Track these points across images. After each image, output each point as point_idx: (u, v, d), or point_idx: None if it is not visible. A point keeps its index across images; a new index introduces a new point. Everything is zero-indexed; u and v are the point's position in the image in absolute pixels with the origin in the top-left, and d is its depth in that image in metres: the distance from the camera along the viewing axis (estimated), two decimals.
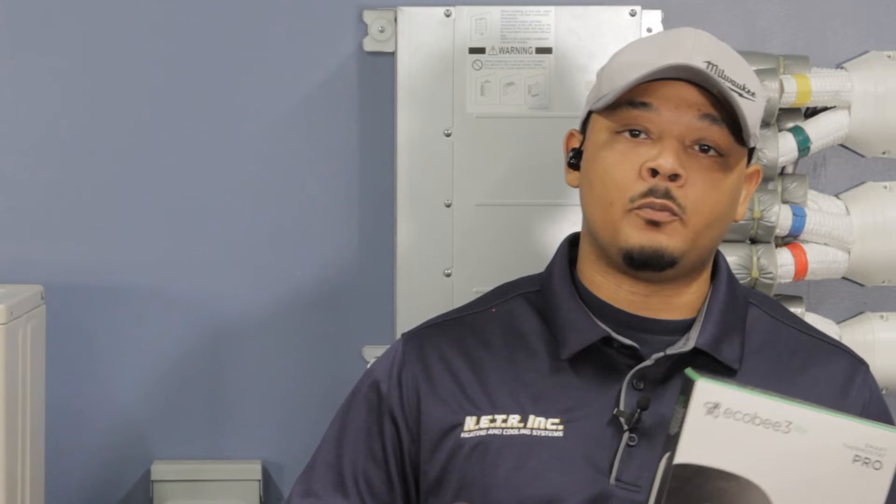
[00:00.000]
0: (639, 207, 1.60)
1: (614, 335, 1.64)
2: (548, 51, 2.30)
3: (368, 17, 2.41)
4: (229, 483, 2.44)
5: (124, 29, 2.44)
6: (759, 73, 2.34)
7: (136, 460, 2.47)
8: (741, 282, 2.32)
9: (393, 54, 2.36)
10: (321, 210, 2.46)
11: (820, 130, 2.40)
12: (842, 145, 2.46)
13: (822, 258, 2.40)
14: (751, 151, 1.68)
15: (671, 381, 1.64)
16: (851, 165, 2.48)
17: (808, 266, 2.39)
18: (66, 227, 2.45)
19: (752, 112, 1.62)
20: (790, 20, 2.47)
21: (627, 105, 1.62)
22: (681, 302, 1.67)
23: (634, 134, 1.62)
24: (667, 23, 2.37)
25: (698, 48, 1.62)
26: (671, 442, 1.44)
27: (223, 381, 2.48)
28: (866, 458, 1.42)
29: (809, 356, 1.69)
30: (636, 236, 1.61)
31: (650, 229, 1.60)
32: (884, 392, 2.42)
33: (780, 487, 1.42)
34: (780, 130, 2.38)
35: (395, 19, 2.33)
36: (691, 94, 1.61)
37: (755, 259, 2.35)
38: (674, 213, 1.60)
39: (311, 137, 2.45)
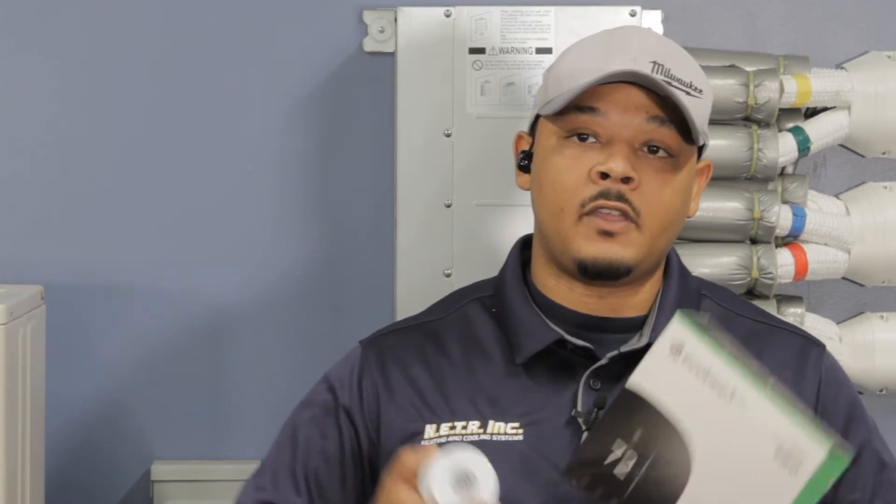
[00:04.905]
0: (591, 211, 1.59)
1: (568, 337, 1.64)
2: (548, 51, 2.30)
3: (368, 17, 2.41)
4: (229, 483, 2.43)
5: (124, 30, 2.44)
6: (758, 73, 2.34)
7: (136, 460, 2.47)
8: (741, 282, 2.34)
9: (393, 54, 2.36)
10: (321, 210, 2.46)
11: (820, 130, 2.40)
12: (842, 145, 2.46)
13: (822, 258, 2.40)
14: (701, 147, 1.67)
15: (627, 378, 1.64)
16: (851, 165, 2.48)
17: (808, 266, 2.39)
18: (66, 227, 2.45)
19: (699, 110, 1.62)
20: (790, 20, 2.47)
21: (575, 110, 1.61)
22: (635, 301, 1.67)
23: (582, 138, 1.61)
24: (667, 23, 2.38)
25: (644, 48, 1.61)
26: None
27: (223, 381, 2.48)
28: (786, 458, 1.43)
29: (763, 343, 1.67)
30: (588, 248, 1.60)
31: (603, 240, 1.60)
32: (884, 392, 2.42)
33: (703, 449, 1.44)
34: (780, 130, 2.38)
35: (395, 19, 2.33)
36: (638, 96, 1.60)
37: (755, 259, 2.35)
38: (629, 218, 1.59)
39: (311, 137, 2.45)
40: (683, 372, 1.45)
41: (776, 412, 1.43)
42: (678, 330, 1.46)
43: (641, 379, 1.46)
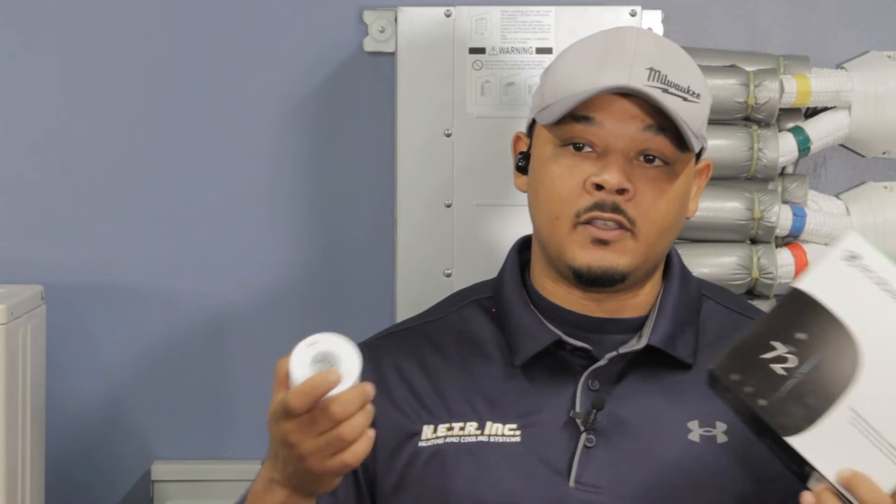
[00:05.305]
0: (586, 221, 1.60)
1: (566, 338, 1.64)
2: (548, 51, 2.30)
3: (368, 17, 2.41)
4: (229, 483, 2.43)
5: (125, 30, 2.44)
6: (759, 73, 2.34)
7: (136, 460, 2.47)
8: (741, 282, 2.34)
9: (393, 54, 2.36)
10: (321, 210, 2.46)
11: (820, 130, 2.40)
12: (842, 145, 2.46)
13: None
14: (700, 149, 1.67)
15: (626, 379, 1.64)
16: (851, 165, 2.48)
17: (808, 266, 2.39)
18: (66, 227, 2.45)
19: (696, 114, 1.62)
20: (790, 20, 2.47)
21: (570, 119, 1.60)
22: (634, 302, 1.67)
23: (578, 147, 1.61)
24: (667, 23, 2.38)
25: (640, 53, 1.60)
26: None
27: (224, 380, 2.48)
28: None
29: None
30: (583, 256, 1.61)
31: (598, 248, 1.60)
32: None
33: (875, 354, 1.43)
34: (780, 130, 2.38)
35: (395, 19, 2.33)
36: (633, 106, 1.60)
37: (755, 259, 2.35)
38: (624, 228, 1.60)
39: (311, 138, 2.45)
40: (860, 278, 1.44)
41: None
42: (855, 241, 1.46)
43: (815, 281, 1.45)
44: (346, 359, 1.44)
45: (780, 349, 1.44)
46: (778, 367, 1.43)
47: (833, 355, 1.43)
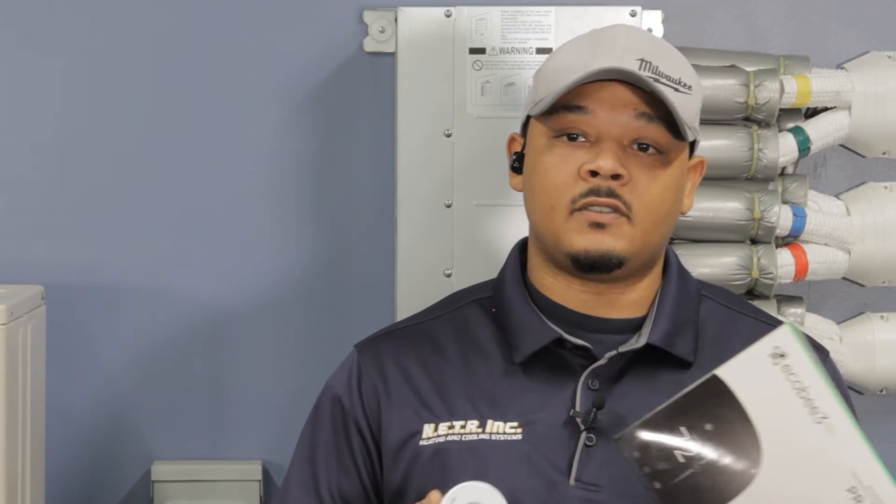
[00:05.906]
0: (582, 208, 1.60)
1: (566, 336, 1.65)
2: (548, 51, 2.30)
3: (369, 17, 2.41)
4: (229, 483, 2.44)
5: (125, 30, 2.44)
6: (759, 73, 2.34)
7: (136, 460, 2.47)
8: (742, 283, 2.34)
9: (393, 54, 2.36)
10: (321, 210, 2.46)
11: (820, 131, 2.40)
12: (842, 145, 2.46)
13: (823, 258, 2.40)
14: (693, 144, 1.68)
15: (625, 378, 1.64)
16: (851, 166, 2.48)
17: (808, 266, 2.39)
18: (66, 227, 2.45)
19: (688, 106, 1.63)
20: (790, 20, 2.47)
21: (563, 109, 1.62)
22: (632, 299, 1.67)
23: (572, 137, 1.62)
24: (667, 23, 2.38)
25: (631, 46, 1.61)
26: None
27: (223, 381, 2.48)
28: (860, 497, 1.40)
29: None
30: (580, 240, 1.61)
31: (594, 231, 1.60)
32: (884, 393, 2.43)
33: (776, 461, 1.41)
34: (780, 130, 2.38)
35: (396, 19, 2.33)
36: (626, 94, 1.60)
37: (755, 259, 2.35)
38: (621, 212, 1.60)
39: (312, 138, 2.45)
40: (779, 379, 1.41)
41: (865, 450, 1.40)
42: (786, 338, 1.42)
43: (734, 371, 1.42)
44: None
45: (685, 435, 1.43)
46: (679, 454, 1.42)
47: (735, 453, 1.42)
